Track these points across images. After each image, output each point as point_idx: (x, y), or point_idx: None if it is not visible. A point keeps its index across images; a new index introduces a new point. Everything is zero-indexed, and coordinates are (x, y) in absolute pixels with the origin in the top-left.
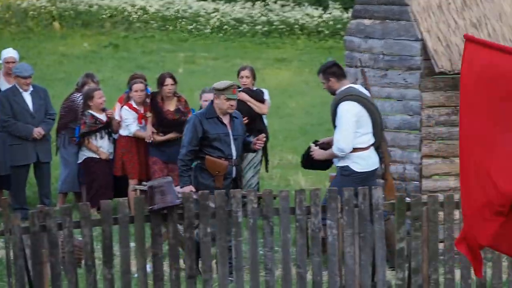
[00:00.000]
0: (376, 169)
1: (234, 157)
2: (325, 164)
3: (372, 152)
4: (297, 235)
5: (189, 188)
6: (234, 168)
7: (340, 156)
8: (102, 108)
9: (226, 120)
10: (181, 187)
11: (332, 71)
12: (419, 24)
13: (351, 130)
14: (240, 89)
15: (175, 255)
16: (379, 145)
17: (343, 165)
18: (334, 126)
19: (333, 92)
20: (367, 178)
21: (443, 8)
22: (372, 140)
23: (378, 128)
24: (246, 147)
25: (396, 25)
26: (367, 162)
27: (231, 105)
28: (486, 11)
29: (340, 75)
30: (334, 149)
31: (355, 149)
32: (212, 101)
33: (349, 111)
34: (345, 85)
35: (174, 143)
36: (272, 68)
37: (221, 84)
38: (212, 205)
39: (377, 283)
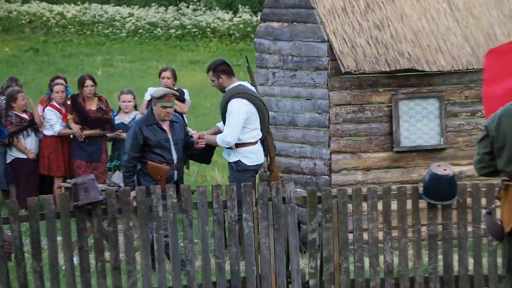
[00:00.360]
0: (263, 162)
1: (175, 162)
2: (206, 156)
3: (260, 146)
4: (215, 227)
5: (133, 194)
6: (175, 172)
7: (222, 146)
8: (24, 109)
9: (165, 126)
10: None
11: (222, 68)
12: (325, 26)
13: (240, 126)
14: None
15: (100, 248)
16: (264, 139)
17: (235, 160)
18: (224, 121)
19: (222, 89)
20: (257, 170)
21: (348, 10)
22: (260, 135)
23: (265, 123)
24: (190, 148)
25: (303, 27)
26: (257, 156)
27: (168, 113)
28: (388, 13)
29: (230, 72)
30: (219, 139)
31: (245, 144)
32: (151, 108)
33: (240, 108)
34: (234, 83)
35: (96, 142)
36: (187, 70)
37: (157, 92)
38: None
39: (292, 272)
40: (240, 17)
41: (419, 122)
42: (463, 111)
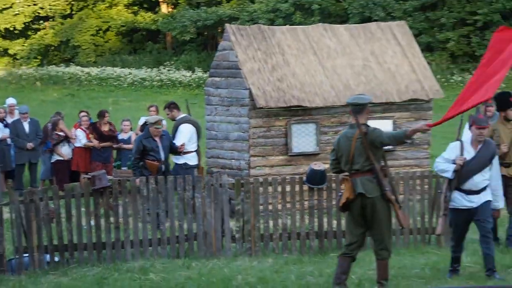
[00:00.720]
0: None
1: (163, 159)
2: None
3: (195, 153)
4: (178, 202)
5: (139, 180)
6: (163, 166)
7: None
8: (61, 130)
9: (157, 138)
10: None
11: (173, 106)
12: (247, 80)
13: (186, 141)
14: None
15: (108, 215)
16: (197, 148)
17: (183, 162)
18: (173, 137)
19: (173, 119)
20: (195, 168)
21: (261, 70)
22: (196, 147)
23: (199, 139)
24: (173, 151)
25: (234, 80)
26: (196, 159)
27: (159, 131)
28: (285, 72)
29: (178, 108)
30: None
31: (189, 152)
32: (147, 128)
33: (186, 129)
34: (181, 115)
35: (107, 150)
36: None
37: (153, 119)
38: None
39: (225, 229)
40: (196, 74)
41: (303, 138)
42: (330, 131)
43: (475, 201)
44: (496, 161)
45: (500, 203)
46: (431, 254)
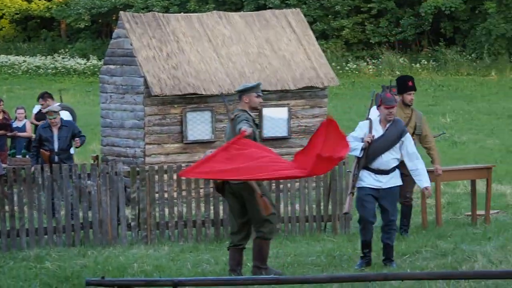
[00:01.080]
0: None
1: (56, 150)
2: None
3: None
4: (74, 190)
5: (34, 168)
6: (56, 157)
7: None
8: None
9: (55, 128)
10: (32, 166)
11: (47, 95)
12: (142, 68)
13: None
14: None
15: (2, 203)
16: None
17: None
18: None
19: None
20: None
21: (156, 58)
22: None
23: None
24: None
25: (129, 68)
26: (73, 148)
27: (52, 121)
28: (180, 60)
29: (52, 97)
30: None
31: None
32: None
33: (66, 116)
34: (56, 103)
35: (1, 139)
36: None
37: (47, 109)
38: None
39: (120, 217)
40: (91, 62)
41: (199, 125)
42: (226, 119)
43: (383, 181)
44: (410, 140)
45: (425, 181)
46: (326, 242)
